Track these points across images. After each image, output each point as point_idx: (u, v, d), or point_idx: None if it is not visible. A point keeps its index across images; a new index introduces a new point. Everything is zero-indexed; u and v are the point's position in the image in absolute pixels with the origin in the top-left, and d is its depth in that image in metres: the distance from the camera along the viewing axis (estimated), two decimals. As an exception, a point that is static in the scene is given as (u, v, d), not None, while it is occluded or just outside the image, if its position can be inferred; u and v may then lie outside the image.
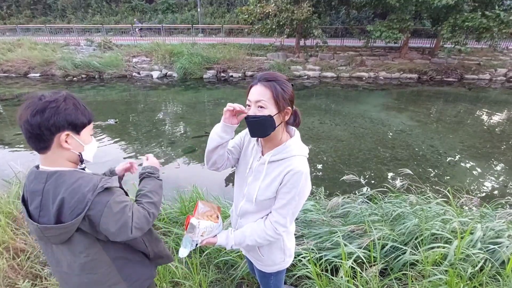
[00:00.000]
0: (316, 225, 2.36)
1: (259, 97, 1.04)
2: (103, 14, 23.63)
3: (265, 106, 1.04)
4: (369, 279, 1.75)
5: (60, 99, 0.89)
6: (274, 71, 1.09)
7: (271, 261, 1.30)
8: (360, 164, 5.19)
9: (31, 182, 0.92)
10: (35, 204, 0.90)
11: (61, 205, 0.88)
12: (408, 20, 11.74)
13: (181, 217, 2.64)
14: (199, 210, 1.16)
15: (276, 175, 1.11)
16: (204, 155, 1.24)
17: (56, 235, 0.90)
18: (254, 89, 1.06)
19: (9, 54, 13.17)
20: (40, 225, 0.89)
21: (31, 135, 0.88)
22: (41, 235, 0.92)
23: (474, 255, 1.82)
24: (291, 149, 1.11)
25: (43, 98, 0.88)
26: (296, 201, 1.11)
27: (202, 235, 1.12)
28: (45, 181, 0.89)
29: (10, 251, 2.24)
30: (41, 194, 0.89)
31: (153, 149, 5.89)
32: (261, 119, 1.04)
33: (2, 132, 6.72)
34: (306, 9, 11.44)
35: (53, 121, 0.87)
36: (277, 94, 1.04)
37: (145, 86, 11.50)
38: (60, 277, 1.06)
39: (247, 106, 1.09)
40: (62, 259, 0.99)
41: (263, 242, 1.17)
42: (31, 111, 0.86)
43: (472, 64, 13.00)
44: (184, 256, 1.13)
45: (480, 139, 6.50)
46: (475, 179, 4.85)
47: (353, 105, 9.05)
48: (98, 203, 0.90)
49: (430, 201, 2.62)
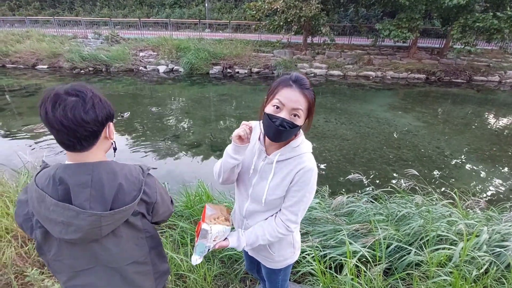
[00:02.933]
0: (320, 223, 2.36)
1: (298, 105, 0.99)
2: (111, 7, 23.70)
3: (300, 116, 1.02)
4: (373, 278, 1.75)
5: (92, 90, 0.86)
6: (301, 74, 1.04)
7: (282, 257, 1.31)
8: (365, 164, 5.17)
9: (70, 175, 0.85)
10: (83, 197, 0.84)
11: (118, 192, 0.88)
12: (417, 19, 11.58)
13: (186, 211, 2.67)
14: (207, 213, 1.13)
15: (285, 174, 1.10)
16: (208, 150, 1.24)
17: (113, 222, 0.88)
18: (291, 93, 0.99)
19: (17, 45, 13.27)
20: (103, 213, 0.84)
21: (86, 133, 0.83)
22: (90, 230, 0.85)
23: (479, 258, 1.82)
24: (299, 148, 1.11)
25: (76, 92, 0.82)
26: (307, 198, 1.11)
27: (215, 239, 1.10)
28: (91, 172, 0.86)
29: (19, 239, 2.28)
30: (89, 185, 0.85)
31: (158, 143, 5.93)
32: (294, 128, 1.01)
33: (10, 122, 6.81)
34: (314, 6, 11.35)
35: (104, 113, 0.87)
36: (311, 105, 1.03)
37: (152, 80, 11.53)
38: (95, 274, 0.98)
39: (274, 107, 1.02)
40: (103, 255, 0.95)
41: (275, 240, 1.18)
42: (82, 110, 0.81)
43: (482, 66, 12.80)
44: (198, 263, 1.11)
45: (488, 141, 6.42)
46: (482, 182, 4.80)
47: (359, 104, 8.99)
48: (150, 183, 0.97)
49: (436, 203, 2.61)
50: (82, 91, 0.83)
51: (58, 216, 0.83)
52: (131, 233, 0.97)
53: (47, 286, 1.91)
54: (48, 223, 0.86)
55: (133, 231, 0.98)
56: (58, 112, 0.78)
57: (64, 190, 0.84)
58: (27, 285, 1.99)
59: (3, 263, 2.05)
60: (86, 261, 0.95)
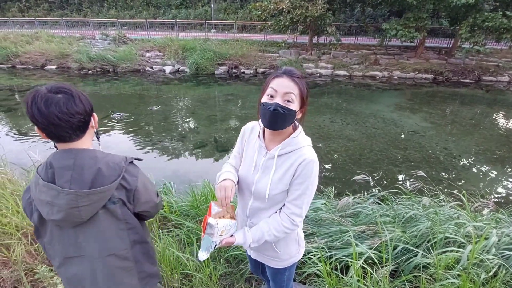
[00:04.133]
0: (326, 224, 2.36)
1: (289, 89, 1.04)
2: (118, 8, 23.95)
3: (292, 101, 1.05)
4: (379, 279, 1.74)
5: (72, 87, 0.95)
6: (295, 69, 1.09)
7: (287, 255, 1.31)
8: (371, 165, 5.14)
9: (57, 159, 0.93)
10: (65, 178, 0.91)
11: (96, 175, 0.93)
12: (425, 18, 11.44)
13: (191, 211, 2.68)
14: (213, 212, 1.14)
15: (287, 167, 1.12)
16: (213, 150, 1.26)
17: (90, 203, 0.93)
18: (282, 80, 1.05)
19: (27, 46, 13.51)
20: (79, 191, 0.90)
21: (80, 123, 0.93)
22: (69, 210, 0.91)
23: (488, 261, 1.79)
24: (299, 141, 1.13)
25: (62, 90, 0.91)
26: (310, 190, 1.12)
27: (221, 234, 1.11)
28: (75, 156, 0.93)
29: (28, 237, 2.32)
30: (71, 168, 0.92)
31: (163, 143, 5.97)
32: (288, 112, 1.05)
33: (20, 122, 6.94)
34: (320, 6, 11.30)
35: (89, 105, 0.96)
36: (304, 92, 1.07)
37: (158, 81, 11.62)
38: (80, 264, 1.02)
39: (268, 96, 1.08)
40: (86, 244, 0.99)
41: (281, 236, 1.18)
42: (73, 103, 0.90)
43: (491, 66, 12.60)
44: (204, 259, 1.12)
45: (497, 142, 6.32)
46: (490, 184, 4.73)
47: (365, 104, 8.93)
48: (131, 171, 1.01)
49: (443, 204, 2.58)
50: (67, 88, 0.92)
51: (46, 197, 0.91)
52: (111, 222, 1.00)
53: (56, 283, 1.94)
54: (40, 204, 0.94)
55: (113, 219, 1.00)
56: (52, 108, 0.87)
57: (52, 173, 0.92)
58: (36, 282, 2.03)
59: (13, 260, 2.09)
60: (72, 248, 1.00)
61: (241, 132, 1.30)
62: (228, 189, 1.12)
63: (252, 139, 1.24)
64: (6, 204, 2.48)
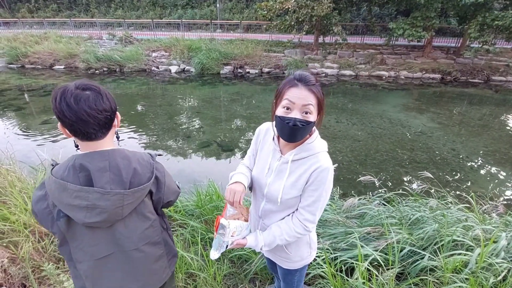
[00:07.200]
0: (331, 225, 2.34)
1: (308, 101, 0.99)
2: (125, 8, 24.19)
3: (311, 112, 1.01)
4: (385, 282, 1.72)
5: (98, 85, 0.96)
6: (306, 71, 1.04)
7: (299, 257, 1.30)
8: (377, 166, 5.09)
9: (90, 162, 0.92)
10: (104, 180, 0.92)
11: (133, 174, 0.97)
12: (433, 18, 11.29)
13: (196, 210, 2.69)
14: (228, 214, 1.15)
15: (301, 173, 1.10)
16: (218, 150, 1.26)
17: (133, 201, 0.97)
18: (299, 92, 0.99)
19: (36, 46, 13.73)
20: (125, 191, 0.93)
21: (106, 120, 0.93)
22: (114, 210, 0.93)
23: (497, 264, 1.75)
24: (314, 146, 1.10)
25: (90, 87, 0.90)
26: (324, 197, 1.11)
27: (233, 235, 1.12)
28: (108, 158, 0.94)
29: (36, 234, 2.35)
30: (108, 169, 0.93)
31: (169, 142, 6.00)
32: (307, 125, 1.01)
33: (29, 121, 7.05)
34: (326, 6, 11.23)
35: (114, 103, 0.97)
36: (321, 100, 1.03)
37: (164, 80, 11.69)
38: (113, 264, 1.03)
39: (284, 108, 1.02)
40: (123, 238, 1.01)
41: (292, 240, 1.18)
42: (101, 100, 0.91)
43: (500, 65, 12.37)
44: (215, 258, 1.13)
45: (506, 143, 6.20)
46: (499, 186, 4.64)
47: (371, 104, 8.85)
48: (158, 167, 1.08)
49: (451, 207, 2.53)
50: (94, 85, 0.92)
51: (82, 201, 0.90)
52: (143, 214, 1.06)
53: (62, 281, 1.96)
54: (71, 210, 0.91)
55: (145, 211, 1.06)
56: (82, 104, 0.87)
57: (85, 176, 0.92)
58: (43, 279, 2.05)
59: (21, 257, 2.12)
60: (105, 247, 1.01)
61: (256, 132, 1.29)
62: (238, 194, 1.11)
63: (267, 141, 1.22)
64: (15, 202, 2.52)
